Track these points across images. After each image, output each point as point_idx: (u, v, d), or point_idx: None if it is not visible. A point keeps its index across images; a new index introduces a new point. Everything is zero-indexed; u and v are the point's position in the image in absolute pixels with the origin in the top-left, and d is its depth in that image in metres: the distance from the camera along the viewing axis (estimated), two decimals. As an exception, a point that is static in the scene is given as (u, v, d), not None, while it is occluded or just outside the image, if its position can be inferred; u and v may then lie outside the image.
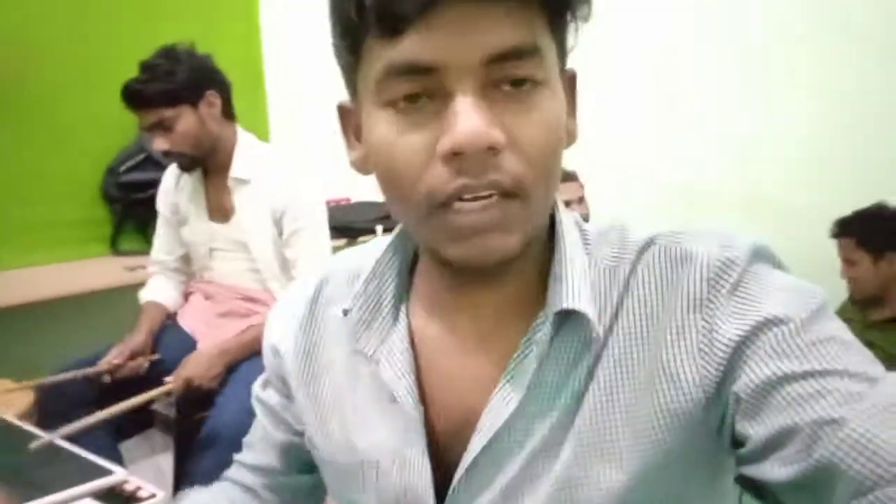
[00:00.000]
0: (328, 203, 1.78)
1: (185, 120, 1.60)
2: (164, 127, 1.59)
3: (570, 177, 2.35)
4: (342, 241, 2.46)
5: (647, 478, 0.48)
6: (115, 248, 2.51)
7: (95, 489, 1.12)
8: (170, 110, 1.58)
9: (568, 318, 0.50)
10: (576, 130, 0.52)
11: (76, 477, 1.15)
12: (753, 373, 0.44)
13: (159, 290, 1.83)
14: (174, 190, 1.80)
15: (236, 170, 1.68)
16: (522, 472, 0.51)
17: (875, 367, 0.43)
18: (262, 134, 2.69)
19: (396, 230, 0.57)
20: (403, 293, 0.57)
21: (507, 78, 0.44)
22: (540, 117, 0.45)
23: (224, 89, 1.68)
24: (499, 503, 0.51)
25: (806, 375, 0.42)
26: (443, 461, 0.54)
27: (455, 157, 0.44)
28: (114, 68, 2.11)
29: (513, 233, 0.46)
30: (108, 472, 1.17)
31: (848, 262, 1.97)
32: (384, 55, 0.44)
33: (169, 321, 1.81)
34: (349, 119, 0.53)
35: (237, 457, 0.78)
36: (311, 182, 1.72)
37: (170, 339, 1.75)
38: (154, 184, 2.26)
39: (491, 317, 0.53)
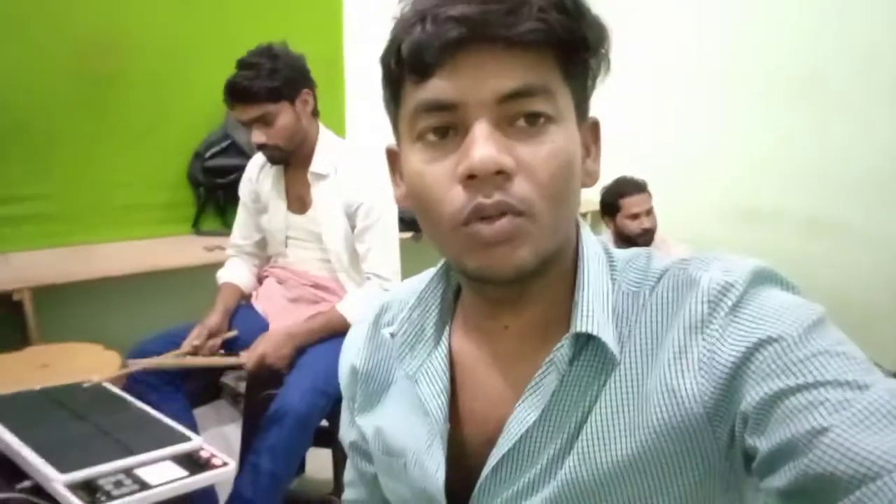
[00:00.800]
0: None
1: (284, 116, 1.69)
2: (264, 122, 1.69)
3: (639, 188, 2.34)
4: (409, 234, 2.53)
5: (646, 486, 0.52)
6: (196, 228, 2.66)
7: (175, 453, 1.22)
8: (272, 106, 1.67)
9: (589, 341, 0.55)
10: (597, 172, 0.59)
11: (158, 440, 1.26)
12: (755, 392, 0.47)
13: (236, 273, 1.95)
14: (256, 179, 1.91)
15: (316, 165, 1.77)
16: (538, 476, 0.56)
17: (868, 373, 0.45)
18: (339, 130, 2.80)
19: (441, 263, 0.64)
20: (447, 319, 0.64)
21: (521, 113, 0.51)
22: (549, 148, 0.51)
23: (314, 88, 1.77)
24: (518, 499, 0.56)
25: (801, 389, 0.45)
26: (466, 467, 0.59)
27: (470, 179, 0.50)
28: (200, 60, 2.25)
29: (524, 247, 0.51)
30: (186, 439, 1.27)
31: None
32: (416, 96, 0.53)
33: (244, 302, 1.92)
34: (396, 161, 0.60)
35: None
36: (384, 181, 1.78)
37: (244, 319, 1.85)
38: (235, 169, 2.40)
39: (518, 338, 0.59)
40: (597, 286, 0.56)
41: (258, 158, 1.90)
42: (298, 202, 1.83)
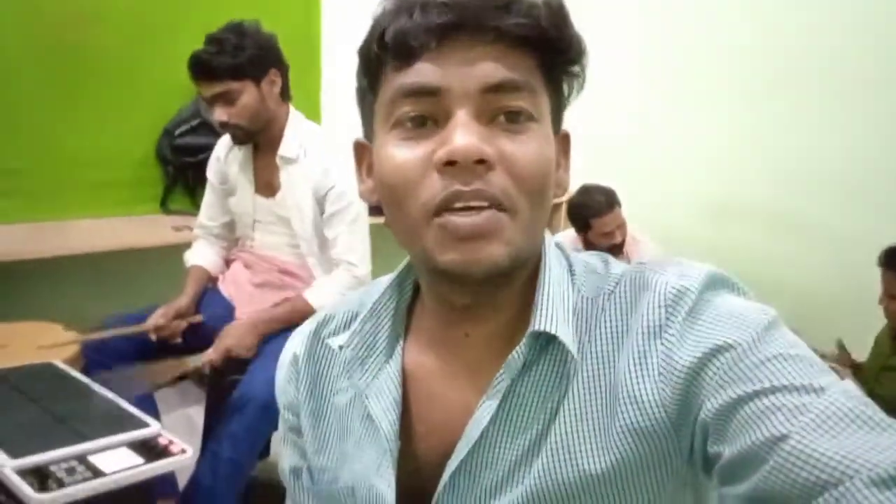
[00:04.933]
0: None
1: (248, 95, 1.65)
2: (226, 99, 1.65)
3: (609, 205, 2.30)
4: (380, 220, 2.50)
5: (614, 490, 0.52)
6: (164, 207, 2.61)
7: (131, 439, 1.20)
8: (234, 84, 1.63)
9: (550, 344, 0.55)
10: (567, 183, 0.58)
11: (114, 426, 1.23)
12: (713, 399, 0.47)
13: (203, 255, 1.91)
14: (225, 160, 1.87)
15: (285, 148, 1.74)
16: (499, 483, 0.54)
17: (823, 376, 0.46)
18: (314, 112, 2.75)
19: (395, 272, 0.63)
20: (400, 332, 0.62)
21: (503, 109, 0.51)
22: (529, 145, 0.51)
23: (285, 70, 1.74)
24: None
25: (757, 395, 0.45)
26: (420, 487, 0.57)
27: (449, 166, 0.49)
28: (173, 35, 2.18)
29: (500, 244, 0.50)
30: (144, 425, 1.25)
31: (890, 295, 1.94)
32: (397, 81, 0.51)
33: (210, 285, 1.90)
34: (363, 155, 0.59)
35: None
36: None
37: (210, 303, 1.83)
38: (206, 148, 2.34)
39: (480, 347, 0.58)
40: (557, 289, 0.56)
41: (227, 139, 1.86)
42: (267, 185, 1.80)
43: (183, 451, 1.21)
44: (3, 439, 1.10)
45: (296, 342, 0.68)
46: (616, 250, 2.29)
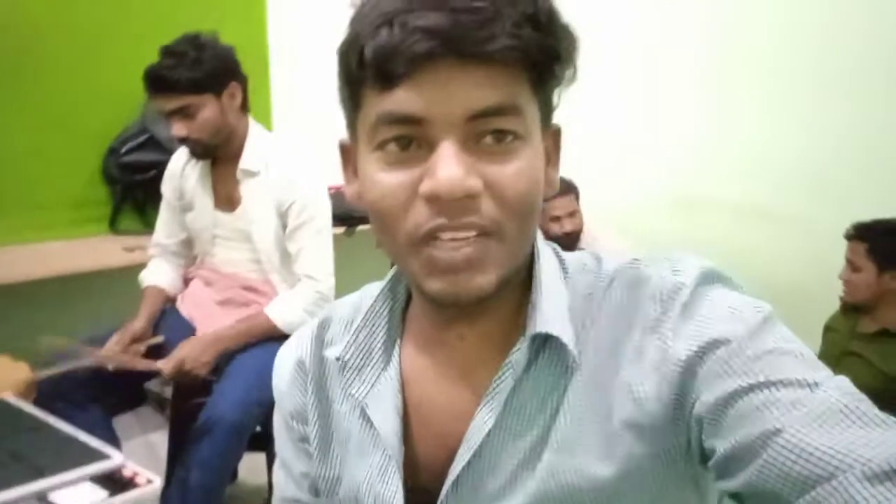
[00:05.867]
0: (329, 190, 1.79)
1: (208, 109, 1.61)
2: (185, 114, 1.60)
3: (565, 190, 2.32)
4: (341, 230, 2.46)
5: (617, 489, 0.52)
6: (113, 227, 2.51)
7: (93, 472, 1.13)
8: (194, 98, 1.59)
9: (547, 344, 0.54)
10: (556, 180, 0.57)
11: (74, 460, 1.17)
12: (708, 394, 0.47)
13: (160, 274, 1.84)
14: (180, 175, 1.81)
15: (246, 161, 1.69)
16: (503, 487, 0.54)
17: (817, 371, 0.46)
18: (265, 121, 2.69)
19: (387, 278, 0.62)
20: (396, 336, 0.61)
21: (489, 131, 0.49)
22: (517, 167, 0.50)
23: (244, 82, 1.70)
24: None
25: (752, 389, 0.45)
26: (424, 491, 0.57)
27: (434, 199, 0.48)
28: (118, 47, 2.10)
29: (488, 272, 0.50)
30: (105, 457, 1.18)
31: (853, 265, 1.99)
32: (378, 105, 0.49)
33: (169, 305, 1.82)
34: (349, 156, 0.57)
35: None
36: (317, 178, 1.73)
37: (169, 324, 1.76)
38: (155, 165, 2.27)
39: (475, 348, 0.57)
40: (552, 289, 0.56)
41: (182, 153, 1.80)
42: (226, 200, 1.75)
43: (149, 482, 1.15)
44: (-49, 482, 1.02)
45: (296, 347, 0.66)
46: (570, 242, 2.30)
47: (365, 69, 0.48)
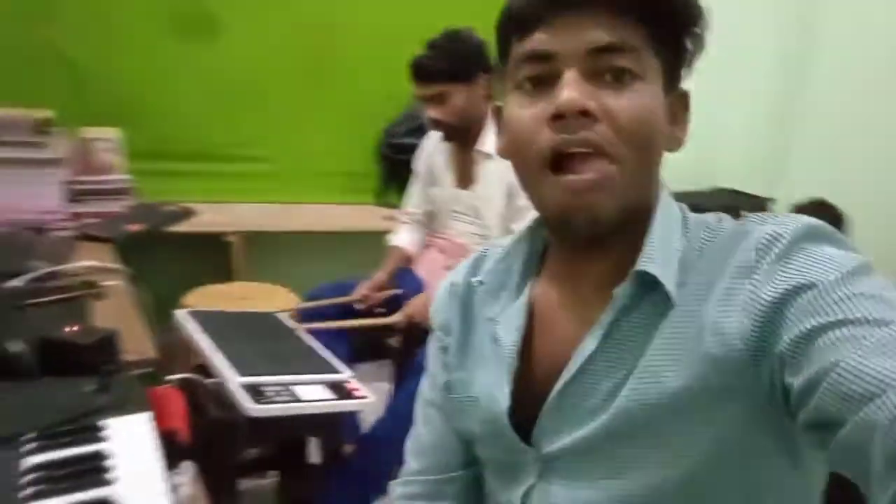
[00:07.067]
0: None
1: (458, 96, 1.82)
2: (439, 100, 1.83)
3: None
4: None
5: (690, 411, 0.55)
6: (378, 199, 2.92)
7: (326, 380, 1.42)
8: (447, 86, 1.81)
9: (652, 287, 0.59)
10: (682, 139, 0.64)
11: (314, 367, 1.47)
12: (790, 333, 0.50)
13: (404, 237, 2.14)
14: (431, 154, 2.07)
15: (483, 144, 1.88)
16: (596, 406, 0.60)
17: (895, 312, 0.47)
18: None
19: (529, 222, 0.70)
20: (532, 272, 0.70)
21: (608, 67, 0.57)
22: (632, 100, 0.57)
23: (491, 73, 1.88)
24: (575, 425, 0.61)
25: (830, 326, 0.47)
26: (533, 404, 0.64)
27: (557, 119, 0.56)
28: (398, 47, 2.46)
29: (606, 196, 0.56)
30: (336, 371, 1.47)
31: None
32: (519, 49, 0.60)
33: (408, 265, 2.11)
34: (500, 117, 0.66)
35: (406, 473, 0.82)
36: None
37: (405, 281, 2.04)
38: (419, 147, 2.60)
39: (593, 284, 0.64)
40: (665, 236, 0.60)
41: (435, 134, 2.05)
42: (465, 178, 1.96)
43: (365, 397, 1.39)
44: (234, 362, 1.37)
45: (454, 274, 0.78)
46: None
47: (510, 23, 0.60)
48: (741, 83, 2.65)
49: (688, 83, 0.63)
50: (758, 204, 2.60)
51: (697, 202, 1.20)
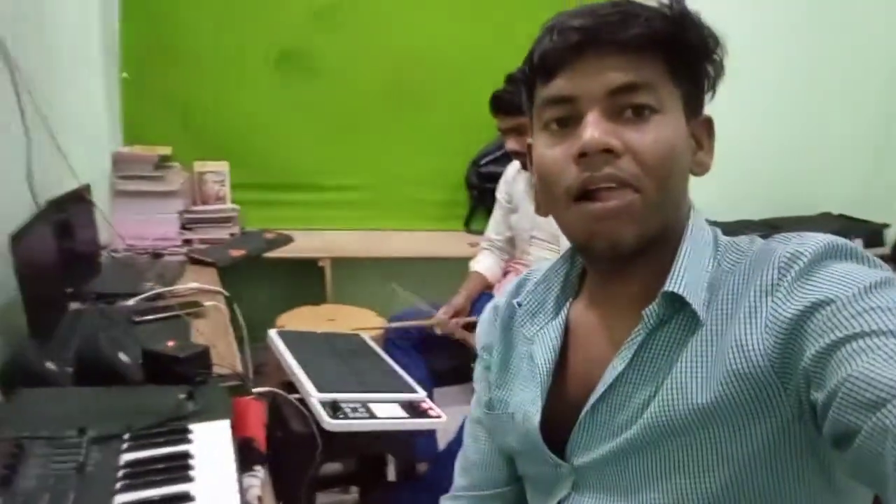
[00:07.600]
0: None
1: None
2: (518, 131, 1.90)
3: None
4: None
5: (717, 435, 0.56)
6: (467, 226, 2.99)
7: (401, 399, 1.47)
8: (525, 119, 1.84)
9: (681, 308, 0.60)
10: (708, 164, 0.67)
11: (391, 386, 1.54)
12: (812, 349, 0.50)
13: (484, 263, 2.18)
14: (512, 181, 2.12)
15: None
16: (626, 420, 0.62)
17: None
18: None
19: (569, 246, 0.72)
20: (570, 295, 0.73)
21: (628, 105, 0.60)
22: (653, 134, 0.59)
23: None
24: (606, 439, 0.63)
25: (848, 340, 0.48)
26: (567, 420, 0.67)
27: (582, 158, 0.60)
28: (485, 79, 2.55)
29: (628, 224, 0.59)
30: (413, 391, 1.53)
31: None
32: (543, 93, 0.64)
33: (487, 290, 2.14)
34: (531, 154, 0.70)
35: (455, 489, 0.85)
36: None
37: (485, 306, 2.07)
38: (505, 176, 2.65)
39: (623, 305, 0.66)
40: (695, 259, 0.62)
41: (516, 163, 2.10)
42: (544, 205, 1.98)
43: (438, 417, 1.44)
44: (315, 378, 1.46)
45: (498, 296, 0.82)
46: None
47: (535, 70, 0.64)
48: (847, 104, 2.52)
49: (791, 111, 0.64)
50: (871, 229, 2.43)
51: (806, 227, 1.17)
